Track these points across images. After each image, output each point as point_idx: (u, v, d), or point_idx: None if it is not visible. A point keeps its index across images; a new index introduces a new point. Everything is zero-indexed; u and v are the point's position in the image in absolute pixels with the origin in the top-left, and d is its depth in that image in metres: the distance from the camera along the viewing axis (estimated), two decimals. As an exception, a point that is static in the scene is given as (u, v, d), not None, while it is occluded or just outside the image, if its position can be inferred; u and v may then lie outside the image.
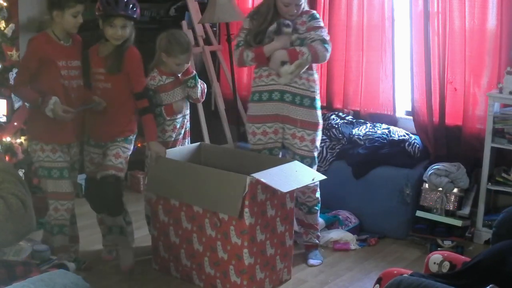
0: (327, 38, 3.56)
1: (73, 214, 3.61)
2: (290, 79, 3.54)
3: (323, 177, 3.52)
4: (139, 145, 4.81)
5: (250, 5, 5.19)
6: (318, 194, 3.78)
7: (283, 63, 3.52)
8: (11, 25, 4.10)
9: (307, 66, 3.55)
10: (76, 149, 3.55)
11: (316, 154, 3.71)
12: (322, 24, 3.61)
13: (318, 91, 3.68)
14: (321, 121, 3.70)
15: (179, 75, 3.72)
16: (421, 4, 4.29)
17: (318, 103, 3.67)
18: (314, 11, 3.70)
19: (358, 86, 4.75)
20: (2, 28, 4.05)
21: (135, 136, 3.64)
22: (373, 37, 4.63)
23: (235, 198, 3.16)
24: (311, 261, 3.79)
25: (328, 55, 3.55)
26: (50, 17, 3.33)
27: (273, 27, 3.53)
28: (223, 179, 3.27)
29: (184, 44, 3.64)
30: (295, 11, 3.54)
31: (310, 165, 3.64)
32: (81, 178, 3.86)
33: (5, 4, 4.06)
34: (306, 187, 3.67)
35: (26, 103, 3.84)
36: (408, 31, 4.42)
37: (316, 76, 3.68)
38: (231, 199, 3.19)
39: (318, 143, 3.71)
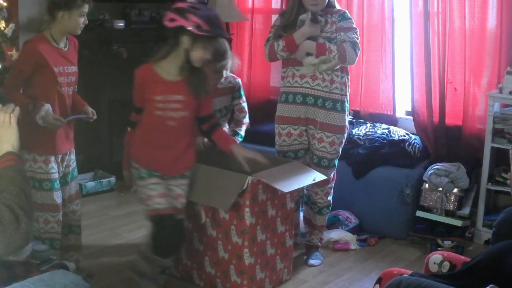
0: (358, 41, 3.45)
1: (78, 225, 3.44)
2: (312, 70, 3.47)
3: (324, 177, 3.52)
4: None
5: (250, 5, 5.19)
6: (330, 198, 3.78)
7: (308, 54, 3.48)
8: (11, 25, 4.08)
9: (336, 66, 3.45)
10: (73, 156, 3.36)
11: (335, 157, 3.64)
12: (353, 25, 3.49)
13: (345, 93, 3.57)
14: (344, 124, 3.60)
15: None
16: (421, 4, 4.29)
17: (343, 106, 3.57)
18: (345, 10, 3.58)
19: (358, 86, 4.75)
20: (2, 28, 4.04)
21: None
22: (373, 37, 4.63)
23: (230, 193, 3.15)
24: (311, 261, 3.79)
25: (356, 59, 3.43)
26: (51, 18, 3.12)
27: (305, 15, 3.45)
28: (224, 178, 3.26)
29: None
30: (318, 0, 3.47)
31: (327, 167, 3.62)
32: (81, 178, 3.85)
33: (5, 4, 4.05)
34: (320, 188, 3.68)
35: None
36: (408, 31, 4.42)
37: (344, 79, 3.56)
38: (226, 194, 3.17)
39: (338, 147, 3.62)
